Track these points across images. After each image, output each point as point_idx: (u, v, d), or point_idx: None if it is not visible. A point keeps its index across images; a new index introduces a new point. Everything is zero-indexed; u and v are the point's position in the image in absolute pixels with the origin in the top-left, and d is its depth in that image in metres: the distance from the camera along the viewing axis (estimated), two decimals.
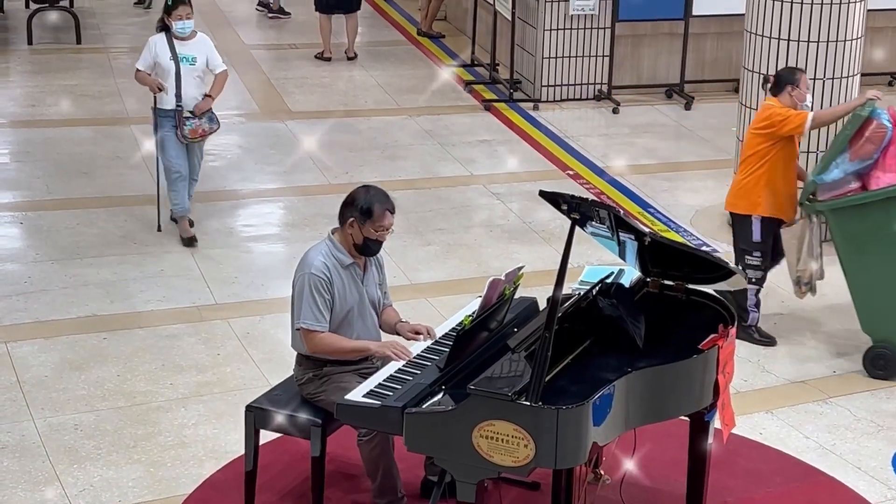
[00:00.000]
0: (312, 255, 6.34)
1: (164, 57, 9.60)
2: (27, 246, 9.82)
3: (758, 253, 8.47)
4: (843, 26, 9.71)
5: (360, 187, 6.42)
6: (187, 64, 9.62)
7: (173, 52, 9.58)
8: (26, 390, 7.75)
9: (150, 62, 9.64)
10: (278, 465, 6.89)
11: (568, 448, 5.47)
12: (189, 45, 9.67)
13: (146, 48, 9.71)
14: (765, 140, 8.37)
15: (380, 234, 6.31)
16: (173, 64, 9.58)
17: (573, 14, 13.40)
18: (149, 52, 9.66)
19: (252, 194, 11.03)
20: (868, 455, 7.33)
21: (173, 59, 9.58)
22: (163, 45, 9.62)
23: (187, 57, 9.63)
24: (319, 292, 6.23)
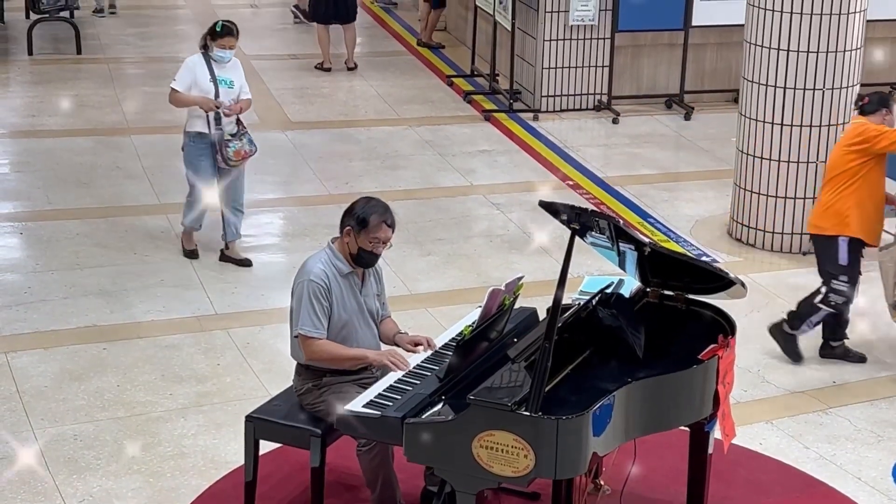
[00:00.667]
0: (312, 262, 6.34)
1: (203, 79, 9.35)
2: (27, 256, 9.82)
3: (844, 277, 8.27)
4: (842, 37, 9.73)
5: (362, 197, 6.41)
6: (225, 87, 9.40)
7: (212, 74, 9.35)
8: (26, 401, 7.74)
9: (189, 83, 9.35)
10: (278, 475, 6.89)
11: (568, 458, 5.46)
12: (227, 69, 9.44)
13: (184, 69, 9.40)
14: (857, 157, 8.26)
15: (374, 246, 6.28)
16: (213, 86, 9.34)
17: (573, 24, 13.42)
18: (188, 73, 9.37)
19: (252, 204, 11.00)
20: (868, 465, 7.32)
21: (213, 81, 9.34)
22: (202, 66, 9.37)
23: (225, 80, 9.41)
24: (318, 299, 6.23)
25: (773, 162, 10.04)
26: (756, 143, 10.11)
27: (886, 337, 8.91)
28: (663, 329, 6.32)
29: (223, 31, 9.33)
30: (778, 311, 9.19)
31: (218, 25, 9.34)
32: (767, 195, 10.12)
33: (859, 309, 9.14)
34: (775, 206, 10.12)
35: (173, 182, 11.28)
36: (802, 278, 9.76)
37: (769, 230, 10.20)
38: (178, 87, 9.40)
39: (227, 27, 9.34)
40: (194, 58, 9.44)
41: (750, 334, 8.66)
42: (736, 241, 10.42)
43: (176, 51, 15.56)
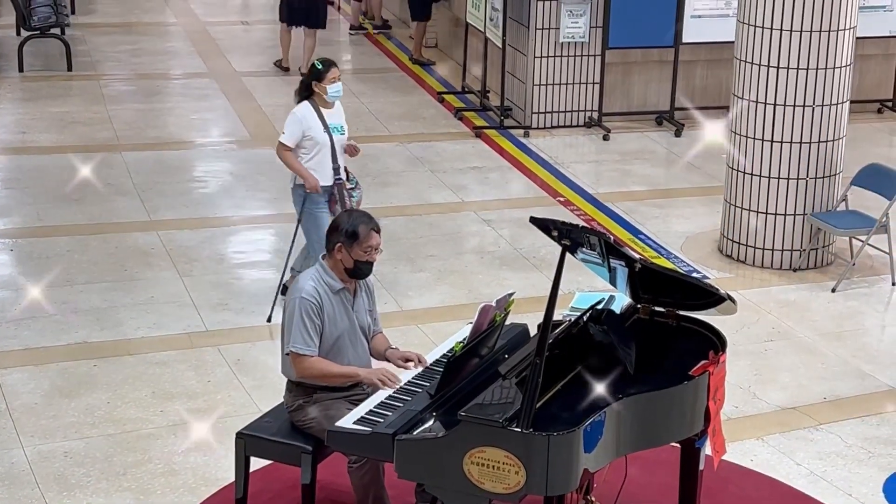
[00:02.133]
0: (303, 280, 6.35)
1: (317, 129, 8.80)
2: (18, 273, 9.80)
3: None
4: (832, 54, 9.76)
5: (342, 212, 6.49)
6: (338, 134, 8.91)
7: (324, 122, 8.83)
8: (16, 417, 7.72)
9: (298, 136, 8.79)
10: (269, 492, 6.87)
11: (559, 475, 5.46)
12: (335, 114, 8.95)
13: (293, 122, 8.82)
14: None
15: (369, 255, 6.33)
16: (327, 136, 8.82)
17: (563, 41, 13.44)
18: (297, 126, 8.79)
19: (243, 221, 11.03)
20: (859, 482, 7.32)
21: (326, 130, 8.83)
22: (313, 116, 8.81)
23: (337, 127, 8.92)
24: (310, 316, 6.24)
25: (763, 178, 10.06)
26: (746, 159, 10.13)
27: (877, 353, 8.93)
28: (654, 345, 6.33)
29: (325, 65, 8.81)
30: (768, 327, 9.21)
31: (317, 63, 8.84)
32: (758, 212, 10.14)
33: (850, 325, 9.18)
34: (765, 222, 10.14)
35: (164, 199, 11.30)
36: (792, 294, 9.79)
37: (759, 246, 10.21)
38: (287, 142, 8.83)
39: (326, 60, 8.88)
40: (302, 109, 8.84)
41: (740, 350, 8.68)
42: (726, 257, 10.43)
43: (167, 67, 15.60)
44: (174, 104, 14.21)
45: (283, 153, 8.87)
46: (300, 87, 8.94)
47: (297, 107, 8.88)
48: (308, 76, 8.92)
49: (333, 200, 8.93)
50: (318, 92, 8.80)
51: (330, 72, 8.79)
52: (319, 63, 8.84)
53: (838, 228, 10.00)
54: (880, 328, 9.41)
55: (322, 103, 8.85)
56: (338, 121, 8.95)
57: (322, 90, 8.78)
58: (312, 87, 8.81)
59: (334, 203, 8.92)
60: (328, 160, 8.87)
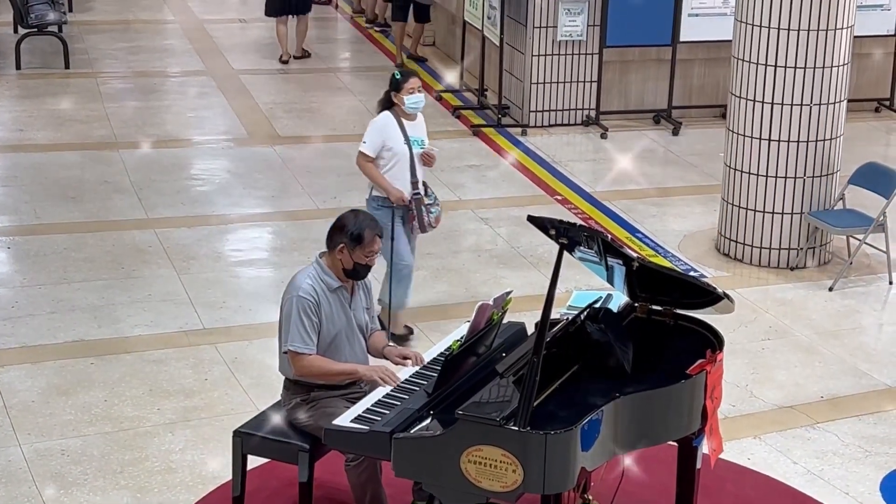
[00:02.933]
0: (300, 278, 6.35)
1: (398, 141, 8.46)
2: (14, 270, 9.80)
3: None
4: (829, 52, 9.76)
5: (348, 212, 6.46)
6: (418, 147, 8.55)
7: (405, 134, 8.49)
8: (13, 415, 7.72)
9: (379, 146, 8.44)
10: (266, 490, 6.87)
11: (556, 473, 5.46)
12: (416, 126, 8.59)
13: (374, 130, 8.50)
14: None
15: (369, 259, 6.35)
16: (406, 148, 8.47)
17: (561, 40, 13.44)
18: (378, 135, 8.46)
19: (240, 219, 11.02)
20: (856, 480, 7.33)
21: (406, 143, 8.48)
22: (394, 127, 8.47)
23: (417, 140, 8.56)
24: (307, 315, 6.24)
25: (760, 177, 10.07)
26: (743, 158, 10.13)
27: (874, 352, 8.93)
28: (651, 344, 6.33)
29: (405, 75, 8.50)
30: (766, 325, 9.21)
31: (396, 74, 8.52)
32: (755, 210, 10.14)
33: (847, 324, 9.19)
34: (763, 221, 10.14)
35: (161, 197, 11.30)
36: (790, 293, 9.80)
37: (756, 245, 10.22)
38: (368, 152, 8.48)
39: (405, 71, 8.63)
40: (383, 118, 8.51)
41: (738, 349, 8.68)
42: (723, 255, 10.43)
43: (164, 65, 15.59)
44: (172, 102, 14.20)
45: (363, 163, 8.51)
46: (382, 98, 8.58)
47: (378, 115, 8.55)
48: (389, 86, 8.53)
49: (412, 216, 8.53)
50: (397, 103, 8.46)
51: (408, 82, 8.42)
52: (398, 73, 8.52)
53: (836, 227, 10.00)
54: (877, 327, 9.41)
55: (403, 115, 8.49)
56: (419, 134, 8.60)
57: (400, 101, 8.42)
58: (392, 98, 8.47)
59: (412, 219, 8.53)
60: (406, 173, 8.50)
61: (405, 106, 8.42)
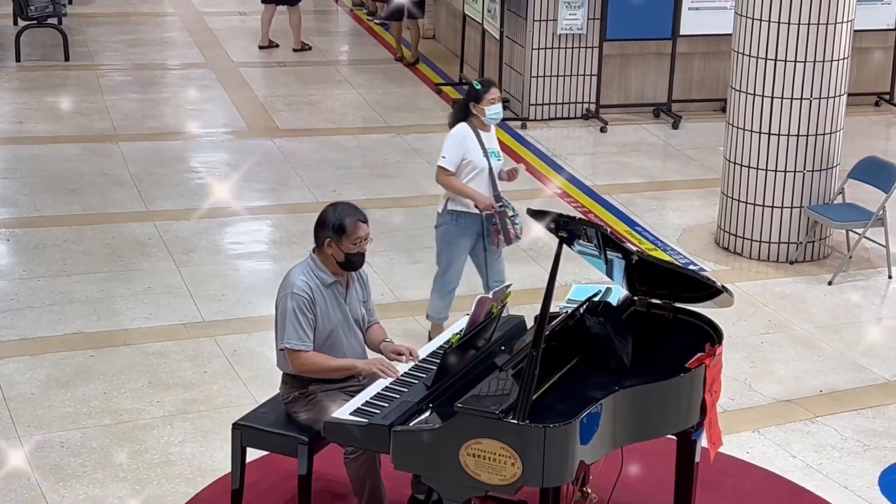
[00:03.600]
0: (294, 274, 6.34)
1: (477, 154, 8.13)
2: (14, 263, 9.80)
3: None
4: (829, 46, 9.76)
5: (327, 206, 6.44)
6: (495, 159, 8.24)
7: (483, 146, 8.17)
8: (12, 408, 7.72)
9: (458, 160, 8.12)
10: (265, 483, 6.88)
11: (555, 466, 5.47)
12: (492, 138, 8.29)
13: (453, 143, 8.15)
14: None
15: (359, 246, 6.32)
16: (485, 161, 8.16)
17: (561, 33, 13.44)
18: (458, 148, 8.12)
19: (240, 212, 11.02)
20: (854, 474, 7.33)
21: (485, 155, 8.17)
22: (473, 139, 8.15)
23: (494, 152, 8.25)
24: (303, 312, 6.23)
25: (760, 171, 10.07)
26: (743, 152, 10.13)
27: (873, 346, 8.94)
28: (651, 337, 6.33)
29: (485, 85, 8.18)
30: (765, 319, 9.21)
31: (475, 84, 8.20)
32: (755, 204, 10.14)
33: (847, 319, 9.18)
34: (762, 215, 10.15)
35: (161, 189, 11.30)
36: (789, 287, 9.80)
37: (756, 239, 10.22)
38: (448, 167, 8.14)
39: (486, 80, 8.31)
40: (461, 129, 8.18)
41: (737, 343, 8.68)
42: (723, 249, 10.43)
43: (164, 58, 15.58)
44: (171, 94, 14.20)
45: (443, 178, 8.17)
46: (457, 107, 8.33)
47: (456, 128, 8.20)
48: (467, 95, 8.26)
49: (496, 230, 8.21)
50: (475, 114, 8.16)
51: (489, 92, 8.12)
52: (478, 83, 8.20)
53: (835, 221, 10.00)
54: (876, 321, 9.42)
55: (479, 126, 8.19)
56: (494, 145, 8.30)
57: (480, 112, 8.13)
58: (470, 109, 8.17)
59: (497, 233, 8.21)
60: (486, 187, 8.19)
61: (485, 117, 8.14)
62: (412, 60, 15.65)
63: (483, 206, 8.12)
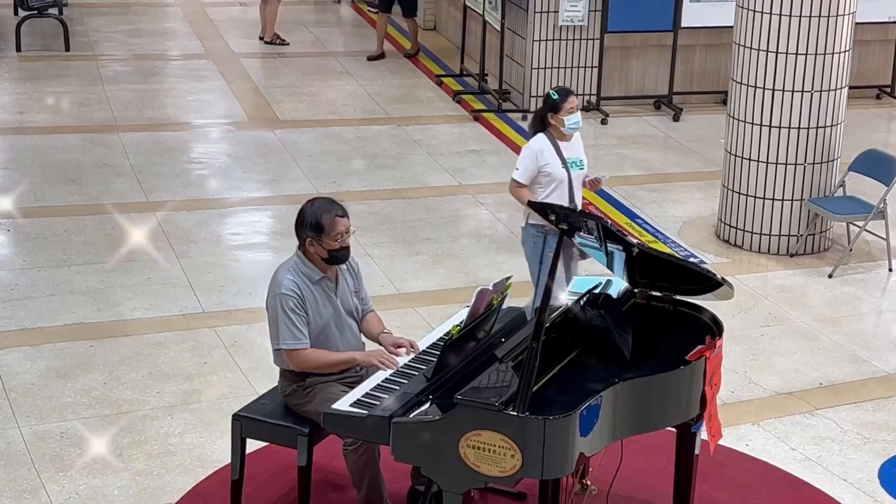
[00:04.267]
0: (281, 274, 6.30)
1: (556, 165, 7.89)
2: (14, 253, 9.80)
3: None
4: (830, 39, 9.75)
5: (304, 204, 6.35)
6: (576, 169, 7.98)
7: (561, 157, 7.92)
8: (12, 398, 7.72)
9: (534, 172, 7.91)
10: (265, 474, 6.88)
11: (555, 458, 5.47)
12: (572, 147, 8.01)
13: (528, 157, 7.93)
14: None
15: (341, 241, 6.27)
16: (565, 172, 7.91)
17: (562, 25, 13.43)
18: (533, 161, 7.90)
19: (240, 203, 11.02)
20: (854, 467, 7.34)
21: (564, 166, 7.91)
22: (550, 149, 7.91)
23: (576, 161, 7.98)
24: (293, 310, 6.21)
25: (761, 163, 10.06)
26: (744, 144, 10.13)
27: (873, 339, 8.94)
28: (651, 330, 6.33)
29: (563, 93, 7.91)
30: (765, 312, 9.22)
31: (552, 93, 7.93)
32: (755, 197, 10.14)
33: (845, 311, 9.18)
34: (763, 207, 10.14)
35: (161, 180, 11.29)
36: (789, 280, 9.80)
37: (756, 231, 10.22)
38: (521, 179, 7.94)
39: (562, 89, 7.99)
40: (538, 142, 7.95)
41: (737, 335, 8.69)
42: (723, 242, 10.43)
43: (164, 48, 15.57)
44: (171, 85, 14.19)
45: (516, 190, 7.97)
46: (534, 118, 8.09)
47: (532, 139, 7.99)
48: (542, 107, 8.00)
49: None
50: (553, 124, 7.92)
51: (567, 101, 7.86)
52: (555, 92, 7.92)
53: (836, 214, 10.00)
54: (877, 314, 9.42)
55: (559, 135, 7.94)
56: (577, 154, 8.02)
57: (558, 122, 7.88)
58: (548, 119, 7.93)
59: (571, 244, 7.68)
60: (564, 198, 7.94)
61: (564, 127, 7.88)
62: (412, 52, 15.58)
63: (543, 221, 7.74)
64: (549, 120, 7.93)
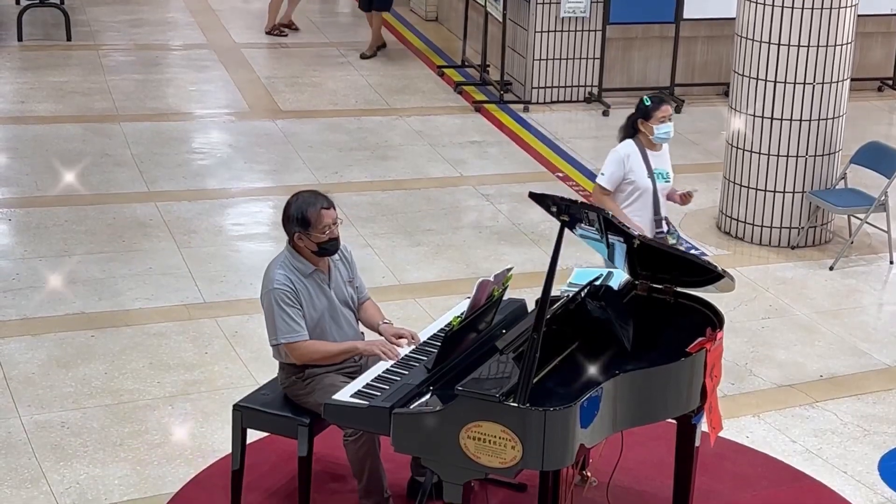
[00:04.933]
0: (272, 269, 6.31)
1: (641, 174, 7.67)
2: (15, 243, 9.80)
3: None
4: (833, 31, 9.74)
5: (290, 198, 6.36)
6: (662, 181, 7.75)
7: (648, 166, 7.71)
8: (13, 387, 7.73)
9: (620, 178, 7.69)
10: (265, 464, 6.89)
11: (555, 450, 5.47)
12: (660, 157, 7.79)
13: (614, 161, 7.70)
14: None
15: (329, 233, 6.28)
16: (650, 182, 7.69)
17: (564, 16, 13.41)
18: (619, 166, 7.68)
19: (241, 193, 11.02)
20: (854, 459, 7.34)
21: (650, 176, 7.70)
22: (637, 157, 7.69)
23: (662, 173, 7.76)
24: (288, 304, 6.21)
25: (762, 156, 10.06)
26: (745, 136, 10.12)
27: (874, 332, 8.94)
28: (651, 322, 6.33)
29: (656, 101, 7.72)
30: (766, 304, 9.22)
31: (645, 100, 7.76)
32: (756, 189, 10.14)
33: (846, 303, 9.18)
34: (764, 199, 10.14)
35: (162, 170, 11.29)
36: (790, 272, 9.80)
37: (758, 224, 10.22)
38: (606, 185, 7.70)
39: (657, 96, 7.80)
40: (626, 147, 7.74)
41: (738, 327, 8.69)
42: (724, 234, 10.43)
43: (166, 38, 15.55)
44: (173, 75, 14.18)
45: (600, 196, 7.74)
46: (625, 123, 7.88)
47: (620, 145, 7.79)
48: (636, 111, 7.80)
49: None
50: (643, 131, 7.74)
51: (660, 109, 7.66)
52: (648, 99, 7.75)
53: (837, 206, 10.00)
54: (877, 306, 9.42)
55: (649, 144, 7.74)
56: (664, 166, 7.80)
57: (648, 130, 7.69)
58: (638, 126, 7.75)
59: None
60: (649, 209, 7.72)
61: (654, 136, 7.69)
62: (368, 54, 14.94)
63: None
64: (639, 126, 7.73)
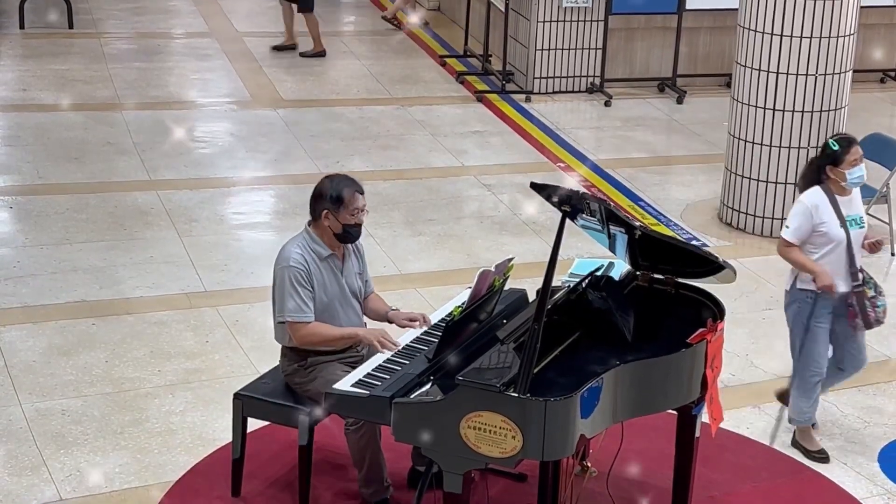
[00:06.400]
0: (289, 248, 6.33)
1: (833, 224, 6.98)
2: (16, 231, 9.80)
3: None
4: (835, 22, 9.72)
5: (323, 178, 6.45)
6: (856, 228, 7.07)
7: (840, 215, 7.01)
8: (14, 375, 7.73)
9: (808, 231, 7.01)
10: (265, 453, 6.89)
11: (555, 440, 5.47)
12: (851, 202, 7.11)
13: (800, 213, 7.02)
14: None
15: (356, 217, 6.32)
16: (842, 232, 7.01)
17: (567, 6, 13.40)
18: (807, 219, 7.00)
19: (243, 182, 11.01)
20: (854, 451, 7.35)
21: (843, 225, 7.02)
22: (827, 206, 6.99)
23: (855, 219, 7.08)
24: (301, 283, 6.23)
25: (764, 147, 10.05)
26: (748, 127, 10.12)
27: None
28: (652, 312, 6.33)
29: (844, 143, 7.04)
30: (767, 295, 9.21)
31: (832, 143, 7.05)
32: (758, 180, 10.14)
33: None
34: (766, 190, 10.14)
35: (164, 158, 11.29)
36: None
37: (759, 215, 10.21)
38: (791, 239, 7.05)
39: (845, 138, 7.11)
40: (813, 197, 7.03)
41: (738, 318, 8.68)
42: (726, 225, 10.43)
43: (168, 26, 15.54)
44: (175, 64, 14.17)
45: (784, 250, 7.11)
46: (808, 169, 7.23)
47: (806, 194, 7.08)
48: (819, 157, 7.14)
49: (853, 313, 7.09)
50: (833, 178, 7.04)
51: (850, 152, 6.98)
52: (835, 143, 7.04)
53: None
54: None
55: (837, 190, 7.05)
56: (856, 211, 7.12)
57: (839, 176, 7.01)
58: (826, 172, 7.07)
59: (853, 316, 7.09)
60: (843, 262, 7.05)
61: (847, 181, 7.02)
62: (309, 53, 14.49)
63: (822, 286, 6.95)
64: (827, 173, 7.06)
